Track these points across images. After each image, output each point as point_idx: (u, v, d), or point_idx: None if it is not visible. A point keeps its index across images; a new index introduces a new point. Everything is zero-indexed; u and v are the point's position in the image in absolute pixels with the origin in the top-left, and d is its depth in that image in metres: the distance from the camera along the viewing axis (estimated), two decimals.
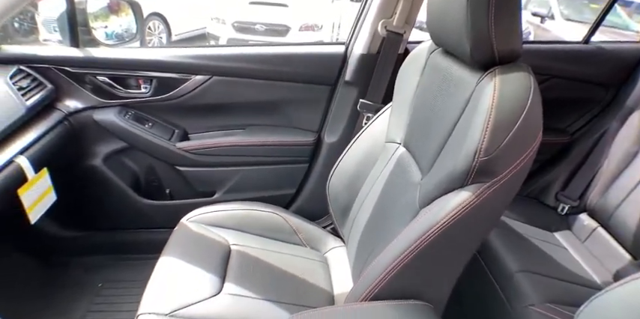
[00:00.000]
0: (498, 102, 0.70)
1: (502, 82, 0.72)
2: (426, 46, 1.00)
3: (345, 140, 1.41)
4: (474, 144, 0.70)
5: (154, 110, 1.46)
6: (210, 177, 1.51)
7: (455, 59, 0.87)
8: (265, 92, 1.45)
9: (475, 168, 0.70)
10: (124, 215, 1.53)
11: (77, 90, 1.35)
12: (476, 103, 0.74)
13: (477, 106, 0.72)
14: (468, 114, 0.76)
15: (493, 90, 0.71)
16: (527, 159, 0.71)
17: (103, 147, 1.42)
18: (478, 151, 0.69)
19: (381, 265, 0.80)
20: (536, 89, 0.72)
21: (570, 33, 4.88)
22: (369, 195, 1.09)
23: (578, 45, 1.70)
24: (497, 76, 0.73)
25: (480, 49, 0.74)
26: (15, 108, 1.11)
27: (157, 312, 0.89)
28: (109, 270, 1.53)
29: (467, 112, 0.77)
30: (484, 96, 0.72)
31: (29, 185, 1.08)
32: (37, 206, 1.14)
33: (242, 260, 1.09)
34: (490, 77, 0.74)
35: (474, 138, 0.70)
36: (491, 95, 0.71)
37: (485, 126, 0.69)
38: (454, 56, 0.88)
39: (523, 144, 0.71)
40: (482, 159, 0.69)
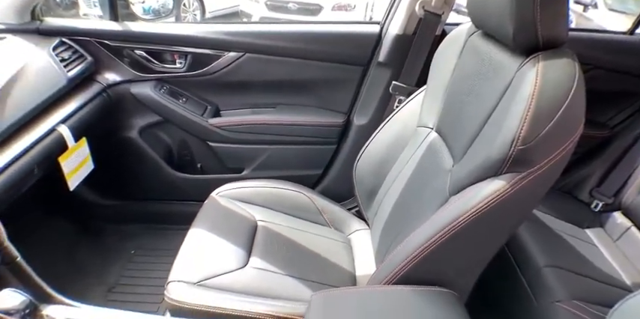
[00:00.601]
0: (540, 89, 0.67)
1: (545, 69, 0.68)
2: (465, 28, 0.96)
3: (374, 123, 1.39)
4: (511, 131, 0.67)
5: (188, 85, 1.48)
6: (239, 153, 1.53)
7: (495, 42, 0.83)
8: (297, 71, 1.44)
9: (511, 156, 0.67)
10: (157, 186, 1.58)
11: (115, 64, 1.39)
12: (516, 89, 0.70)
13: (517, 92, 0.69)
14: (506, 101, 0.73)
15: (535, 77, 0.68)
16: (566, 151, 0.68)
17: (139, 119, 1.46)
18: (516, 139, 0.66)
19: (406, 250, 0.80)
20: (581, 77, 0.68)
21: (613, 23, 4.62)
22: (396, 179, 1.08)
23: (622, 36, 1.61)
24: (540, 62, 0.69)
25: (524, 32, 0.70)
26: (57, 79, 1.15)
27: (186, 281, 0.93)
28: (141, 238, 1.60)
29: (506, 98, 0.74)
30: (525, 83, 0.69)
31: (69, 153, 1.13)
32: (76, 174, 1.20)
33: (268, 236, 1.12)
34: (533, 63, 0.70)
35: (513, 125, 0.67)
36: (533, 81, 0.67)
37: (525, 113, 0.66)
38: (495, 39, 0.84)
39: (563, 134, 0.68)
40: (519, 147, 0.66)
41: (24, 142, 0.99)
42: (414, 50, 1.36)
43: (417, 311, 0.77)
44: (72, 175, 1.18)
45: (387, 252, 0.94)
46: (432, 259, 0.77)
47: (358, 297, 0.82)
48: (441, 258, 0.78)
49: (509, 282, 1.26)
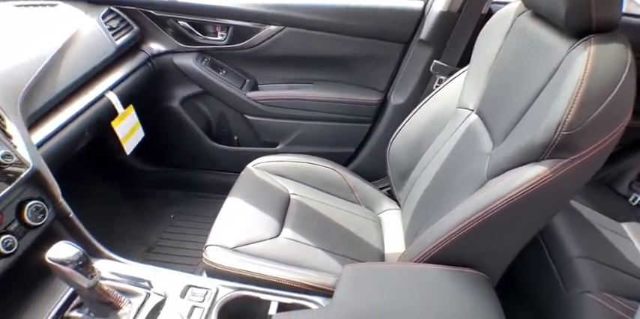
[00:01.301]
0: (591, 73, 0.64)
1: (597, 52, 0.65)
2: (513, 8, 0.92)
3: (412, 102, 1.38)
4: (557, 116, 0.65)
5: (229, 58, 1.50)
6: (275, 128, 1.56)
7: (545, 23, 0.80)
8: (336, 46, 1.44)
9: (555, 142, 0.66)
10: (196, 156, 1.64)
11: (160, 34, 1.43)
12: (564, 73, 0.68)
13: (566, 76, 0.67)
14: (554, 84, 0.71)
15: (586, 60, 0.65)
16: (612, 139, 0.66)
17: (180, 90, 1.51)
18: (561, 124, 0.65)
19: (440, 230, 0.80)
20: (633, 65, 0.65)
21: None
22: (432, 160, 1.07)
23: None
24: (592, 45, 0.66)
25: (577, 13, 0.67)
26: (106, 47, 1.20)
27: (223, 245, 0.98)
28: (180, 204, 1.68)
29: (553, 82, 0.72)
30: (575, 66, 0.66)
31: (120, 119, 1.19)
32: (130, 139, 1.26)
33: (300, 210, 1.15)
34: (584, 46, 0.67)
35: (559, 110, 0.66)
36: (584, 65, 0.65)
37: (573, 98, 0.64)
38: (545, 20, 0.80)
39: (611, 121, 0.66)
40: (564, 133, 0.65)
41: (75, 106, 1.05)
42: (458, 28, 1.32)
43: (446, 290, 0.78)
44: (126, 140, 1.25)
45: (418, 233, 0.95)
46: (465, 240, 0.77)
47: (389, 272, 0.84)
48: (475, 240, 0.78)
49: (539, 270, 1.26)
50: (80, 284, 0.71)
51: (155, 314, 0.80)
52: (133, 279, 0.86)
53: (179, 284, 0.87)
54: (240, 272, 0.92)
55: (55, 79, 0.99)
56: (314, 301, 0.88)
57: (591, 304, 1.06)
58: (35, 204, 0.80)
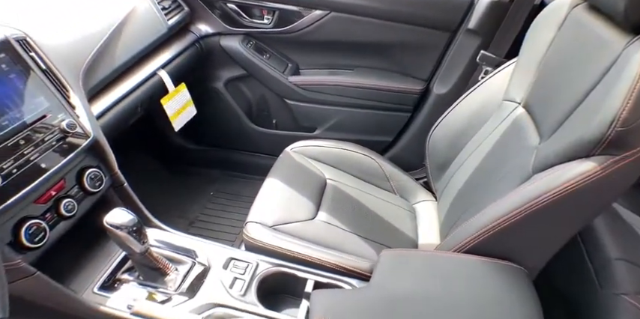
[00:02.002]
0: None
1: None
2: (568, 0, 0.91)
3: (455, 92, 1.36)
4: (611, 112, 0.64)
5: (273, 42, 1.53)
6: (313, 113, 1.59)
7: (602, 17, 0.78)
8: (380, 33, 1.43)
9: (608, 138, 0.65)
10: (236, 137, 1.69)
11: (209, 16, 1.46)
12: (621, 68, 0.67)
13: (622, 72, 0.66)
14: (609, 80, 0.70)
15: None
16: None
17: (225, 72, 1.55)
18: (616, 120, 0.64)
19: (481, 221, 0.81)
20: None
21: None
22: (473, 153, 1.07)
23: None
24: None
25: (637, 7, 0.66)
26: (159, 26, 1.25)
27: (262, 223, 1.02)
28: (219, 183, 1.75)
29: (608, 77, 0.70)
30: (632, 62, 0.65)
31: (170, 96, 1.24)
32: (179, 116, 1.32)
33: (335, 194, 1.18)
34: None
35: (613, 106, 0.64)
36: None
37: (630, 94, 0.63)
38: (601, 13, 0.79)
39: None
40: (618, 129, 0.64)
41: (130, 82, 1.11)
42: (509, 19, 1.29)
43: (485, 281, 0.79)
44: (175, 117, 1.31)
45: (455, 225, 0.95)
46: (507, 233, 0.77)
47: (426, 260, 0.86)
48: (517, 234, 0.78)
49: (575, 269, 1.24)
50: (133, 248, 0.77)
51: (199, 282, 0.86)
52: (180, 249, 0.93)
53: (222, 255, 0.92)
54: (277, 250, 0.96)
55: (112, 54, 1.05)
56: (349, 283, 0.91)
57: (626, 306, 1.05)
58: (94, 172, 0.87)
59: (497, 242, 0.80)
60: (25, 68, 0.79)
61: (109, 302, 0.80)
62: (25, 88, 0.77)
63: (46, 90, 0.80)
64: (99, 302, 0.79)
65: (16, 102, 0.75)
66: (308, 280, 0.91)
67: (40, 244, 0.74)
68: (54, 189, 0.79)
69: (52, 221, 0.78)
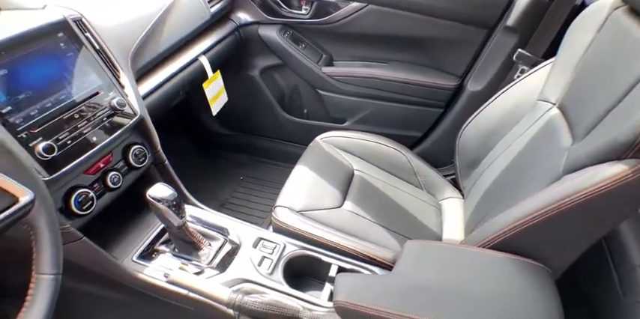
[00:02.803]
0: None
1: None
2: (609, 1, 0.89)
3: (489, 90, 1.37)
4: None
5: (309, 33, 1.57)
6: (345, 104, 1.62)
7: None
8: (416, 27, 1.44)
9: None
10: (267, 124, 1.75)
11: (249, 5, 1.51)
12: None
13: None
14: None
15: None
16: None
17: (261, 60, 1.60)
18: None
19: (507, 219, 0.82)
20: None
21: None
22: (504, 152, 1.07)
23: None
24: None
25: None
26: (202, 13, 1.30)
27: (291, 207, 1.06)
28: (249, 168, 1.82)
29: None
30: None
31: (210, 81, 1.31)
32: (216, 101, 1.39)
33: (362, 185, 1.21)
34: None
35: None
36: None
37: None
38: None
39: None
40: None
41: (173, 66, 1.18)
42: (549, 18, 1.28)
43: (506, 277, 0.80)
44: (213, 102, 1.37)
45: (480, 223, 0.96)
46: (532, 232, 0.78)
47: (451, 253, 0.87)
48: (543, 233, 0.79)
49: (599, 273, 1.24)
50: (171, 221, 0.83)
51: (230, 258, 0.91)
52: (213, 226, 0.98)
53: (252, 235, 0.97)
54: (304, 234, 1.00)
55: (159, 38, 1.11)
56: (372, 270, 0.95)
57: None
58: (138, 148, 0.93)
59: (522, 240, 0.81)
60: (81, 47, 0.85)
61: (146, 270, 0.86)
62: (80, 66, 0.84)
63: (98, 69, 0.86)
64: (137, 269, 0.86)
65: (72, 79, 0.81)
66: (332, 265, 0.95)
67: (87, 212, 0.80)
68: (102, 162, 0.85)
69: (99, 191, 0.85)
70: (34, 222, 0.55)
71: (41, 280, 0.54)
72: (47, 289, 0.54)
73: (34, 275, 0.54)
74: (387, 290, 0.76)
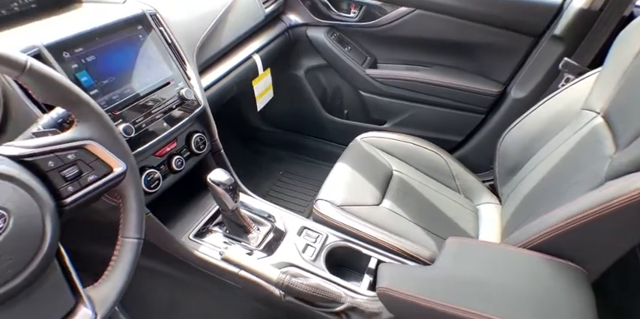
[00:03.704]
0: None
1: None
2: None
3: (533, 98, 1.41)
4: None
5: (355, 35, 1.65)
6: (386, 106, 1.69)
7: None
8: (463, 33, 1.50)
9: None
10: (308, 122, 1.85)
11: (299, 7, 1.62)
12: None
13: None
14: None
15: None
16: None
17: (307, 60, 1.70)
18: None
19: (547, 221, 0.85)
20: None
21: None
22: (545, 159, 1.11)
23: None
24: None
25: None
26: (258, 13, 1.41)
27: (332, 202, 1.14)
28: (288, 164, 1.92)
29: None
30: None
31: (259, 78, 1.41)
32: (262, 98, 1.49)
33: (400, 186, 1.27)
34: None
35: None
36: None
37: None
38: None
39: None
40: None
41: (230, 63, 1.28)
42: (597, 28, 1.32)
43: (544, 276, 0.83)
44: (260, 98, 1.48)
45: (518, 228, 0.99)
46: (572, 234, 0.80)
47: (490, 251, 0.91)
48: (583, 236, 0.82)
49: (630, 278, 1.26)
50: (227, 204, 0.92)
51: (277, 243, 0.99)
52: (262, 213, 1.07)
53: (296, 224, 1.05)
54: (344, 227, 1.07)
55: (220, 35, 1.21)
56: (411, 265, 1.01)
57: None
58: (199, 136, 1.03)
59: (562, 242, 0.84)
60: (155, 40, 0.95)
61: (201, 248, 0.95)
62: (154, 57, 0.94)
63: (169, 61, 0.97)
64: (193, 247, 0.95)
65: (147, 69, 0.92)
66: (371, 257, 1.01)
67: (154, 190, 0.90)
68: (168, 146, 0.96)
69: (165, 173, 0.95)
70: (124, 191, 0.64)
71: (126, 243, 0.63)
72: (131, 251, 0.63)
73: (120, 239, 0.64)
74: (428, 280, 0.81)
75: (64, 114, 0.64)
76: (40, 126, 0.63)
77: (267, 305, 0.96)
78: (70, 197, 0.57)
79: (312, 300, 0.89)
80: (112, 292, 0.60)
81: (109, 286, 0.60)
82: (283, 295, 0.90)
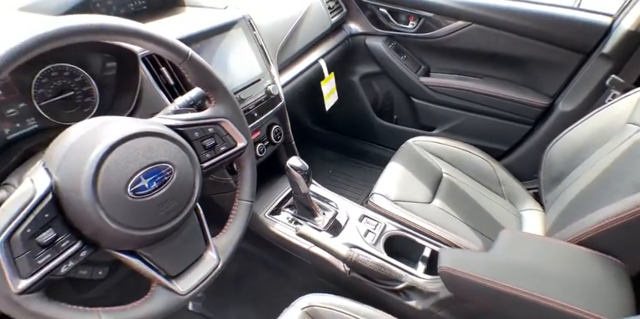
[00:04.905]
0: None
1: None
2: None
3: (580, 111, 1.52)
4: None
5: (411, 45, 1.82)
6: (436, 113, 1.84)
7: None
8: (516, 47, 1.62)
9: None
10: (359, 126, 2.02)
11: (360, 17, 1.80)
12: None
13: None
14: None
15: None
16: None
17: (362, 67, 1.88)
18: None
19: (594, 218, 0.92)
20: None
21: None
22: (591, 168, 1.20)
23: None
24: None
25: None
26: (325, 22, 1.60)
27: (386, 196, 1.28)
28: (337, 164, 2.10)
29: None
30: None
31: (326, 81, 1.59)
32: (329, 98, 1.67)
33: (450, 187, 1.41)
34: None
35: None
36: None
37: None
38: None
39: None
40: None
41: (300, 66, 1.46)
42: None
43: (588, 268, 0.92)
44: (327, 98, 1.65)
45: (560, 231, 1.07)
46: (619, 231, 0.87)
47: (540, 243, 1.02)
48: (629, 233, 0.88)
49: None
50: (300, 188, 1.08)
51: (340, 226, 1.15)
52: (327, 199, 1.23)
53: (357, 212, 1.21)
54: (399, 219, 1.21)
55: (295, 40, 1.40)
56: None
57: None
58: (277, 128, 1.21)
59: (605, 238, 0.92)
60: (250, 42, 1.14)
61: (276, 225, 1.12)
62: (249, 57, 1.13)
63: (260, 60, 1.15)
64: (269, 224, 1.12)
65: (243, 67, 1.10)
66: (425, 247, 1.15)
67: None
68: (254, 134, 1.13)
69: None
70: (243, 162, 0.81)
71: (242, 204, 0.80)
72: (245, 210, 0.80)
73: (237, 201, 0.80)
74: (486, 263, 0.92)
75: (196, 98, 0.82)
76: (177, 106, 0.80)
77: (331, 280, 1.11)
78: (207, 162, 0.74)
79: (375, 277, 1.04)
80: (231, 243, 0.76)
81: (228, 238, 0.77)
82: (348, 271, 1.05)
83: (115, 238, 0.59)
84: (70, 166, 0.56)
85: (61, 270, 0.56)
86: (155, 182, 0.61)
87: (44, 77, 0.79)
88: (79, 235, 0.58)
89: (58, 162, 0.57)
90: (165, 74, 0.90)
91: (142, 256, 0.64)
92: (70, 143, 0.59)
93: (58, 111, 0.81)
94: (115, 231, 0.57)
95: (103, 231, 0.57)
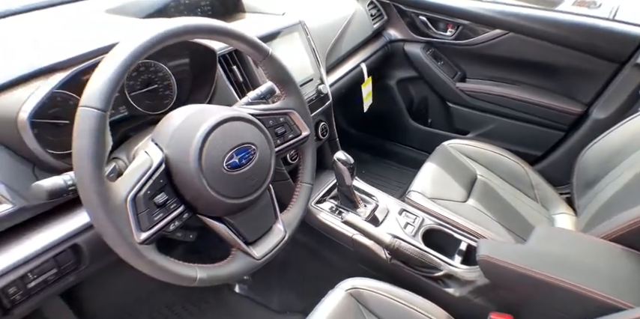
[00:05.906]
0: None
1: None
2: None
3: (613, 119, 1.60)
4: None
5: (449, 51, 1.95)
6: (470, 117, 1.96)
7: None
8: (551, 56, 1.72)
9: None
10: (394, 128, 2.15)
11: (400, 24, 1.95)
12: None
13: None
14: None
15: None
16: None
17: (400, 72, 2.02)
18: None
19: (626, 217, 1.00)
20: None
21: None
22: (623, 173, 1.26)
23: None
24: None
25: None
26: (367, 28, 1.75)
27: (423, 194, 1.40)
28: (370, 165, 2.23)
29: None
30: None
31: (365, 84, 1.73)
32: (366, 101, 1.81)
33: (484, 188, 1.51)
34: None
35: None
36: None
37: None
38: None
39: None
40: None
41: (344, 69, 1.61)
42: None
43: (620, 262, 0.99)
44: (365, 100, 1.80)
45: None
46: None
47: (573, 238, 1.11)
48: None
49: None
50: (345, 180, 1.21)
51: (381, 218, 1.27)
52: (368, 193, 1.36)
53: (397, 205, 1.33)
54: (434, 214, 1.33)
55: (341, 45, 1.55)
56: None
57: None
58: (324, 125, 1.35)
59: (636, 235, 0.99)
60: (305, 45, 1.29)
61: (322, 213, 1.25)
62: (303, 58, 1.27)
63: (313, 62, 1.30)
64: (315, 212, 1.25)
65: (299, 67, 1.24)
66: (462, 241, 1.26)
67: (293, 162, 1.21)
68: None
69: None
70: (305, 149, 0.95)
71: (304, 186, 0.94)
72: (306, 192, 0.94)
73: (299, 183, 0.94)
74: (523, 253, 1.01)
75: (265, 92, 0.96)
76: (250, 99, 0.95)
77: (373, 267, 1.24)
78: (278, 147, 0.88)
79: (415, 264, 1.15)
80: (295, 218, 0.90)
81: (292, 214, 0.91)
82: (390, 258, 1.17)
83: (210, 204, 0.73)
84: (179, 142, 0.71)
85: (170, 228, 0.70)
86: (244, 159, 0.75)
87: (134, 71, 0.94)
88: (183, 200, 0.72)
89: (168, 138, 0.72)
90: (235, 72, 1.05)
91: (226, 223, 0.78)
92: (177, 123, 0.73)
93: (143, 102, 0.97)
94: (211, 197, 0.71)
95: (202, 197, 0.71)
